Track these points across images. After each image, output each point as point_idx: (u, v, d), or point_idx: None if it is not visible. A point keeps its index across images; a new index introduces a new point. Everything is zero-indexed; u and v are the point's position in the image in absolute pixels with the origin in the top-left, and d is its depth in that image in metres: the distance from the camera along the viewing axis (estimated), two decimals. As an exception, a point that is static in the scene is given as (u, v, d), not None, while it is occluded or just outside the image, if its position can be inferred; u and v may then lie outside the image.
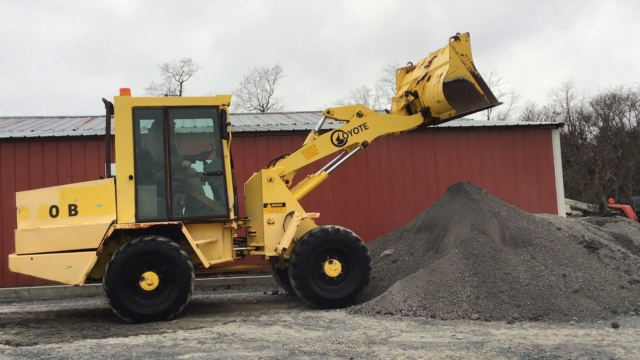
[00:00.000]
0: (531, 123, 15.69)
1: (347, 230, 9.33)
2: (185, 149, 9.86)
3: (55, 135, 13.54)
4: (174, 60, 63.06)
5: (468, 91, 9.79)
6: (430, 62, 10.45)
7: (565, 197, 17.03)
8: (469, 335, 6.75)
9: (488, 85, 9.96)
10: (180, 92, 46.75)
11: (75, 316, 9.58)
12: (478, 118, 41.80)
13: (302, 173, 10.54)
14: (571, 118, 43.76)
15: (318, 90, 67.67)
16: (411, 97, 10.43)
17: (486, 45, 68.84)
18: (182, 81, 48.25)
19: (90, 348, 6.61)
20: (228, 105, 9.27)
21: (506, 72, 73.15)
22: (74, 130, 14.79)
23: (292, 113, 20.79)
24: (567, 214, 17.04)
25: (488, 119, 45.26)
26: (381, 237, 11.51)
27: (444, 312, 7.88)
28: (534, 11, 69.41)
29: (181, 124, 9.94)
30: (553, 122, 15.41)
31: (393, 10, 72.90)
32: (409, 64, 11.35)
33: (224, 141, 9.19)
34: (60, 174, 13.06)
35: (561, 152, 15.46)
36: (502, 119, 44.61)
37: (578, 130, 43.66)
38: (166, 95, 43.85)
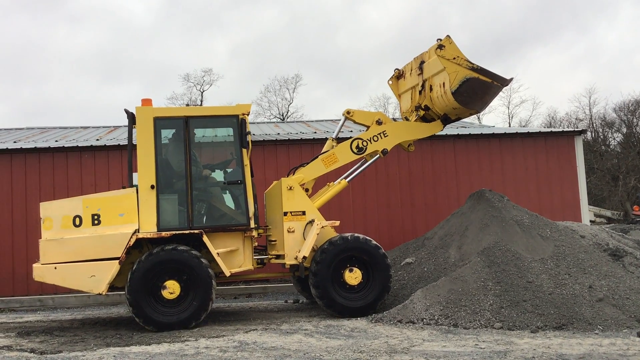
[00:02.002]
0: (553, 130, 15.54)
1: (367, 238, 9.32)
2: (206, 158, 9.93)
3: (79, 145, 13.71)
4: (195, 70, 63.76)
5: (478, 87, 9.73)
6: (420, 67, 10.36)
7: (589, 204, 16.82)
8: (492, 344, 6.69)
9: (490, 70, 9.79)
10: (202, 101, 47.22)
11: (98, 324, 9.67)
12: (500, 125, 41.57)
13: (322, 181, 10.56)
14: (594, 124, 43.34)
15: (336, 97, 67.89)
16: (422, 112, 10.43)
17: (504, 51, 68.65)
18: (203, 90, 48.72)
19: (114, 356, 6.67)
20: (248, 115, 9.34)
21: (526, 79, 72.65)
22: (98, 140, 14.96)
23: (312, 121, 20.84)
24: (590, 221, 16.84)
25: (509, 125, 44.97)
26: (402, 246, 11.47)
27: (466, 321, 7.82)
28: (552, 16, 69.03)
29: (202, 134, 10.02)
30: (576, 129, 15.25)
31: (409, 16, 72.93)
32: (396, 71, 11.29)
33: (244, 150, 9.25)
34: (84, 184, 13.21)
35: (584, 159, 15.29)
36: (524, 126, 44.29)
37: (601, 136, 43.20)
38: (187, 104, 44.27)
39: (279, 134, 15.89)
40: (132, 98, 62.95)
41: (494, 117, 68.56)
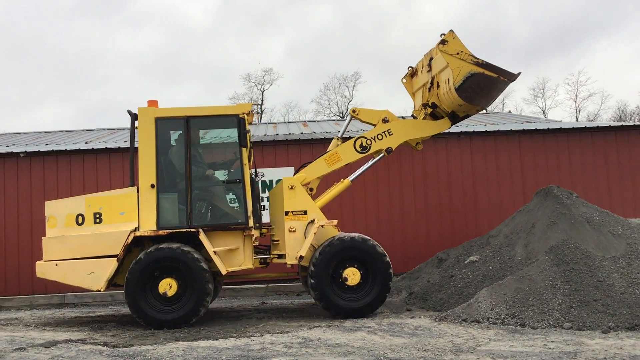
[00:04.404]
0: (624, 124, 15.00)
1: (366, 238, 9.17)
2: (207, 158, 9.95)
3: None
4: (255, 70, 64.58)
5: (483, 82, 9.43)
6: (429, 65, 10.12)
7: (663, 201, 16.12)
8: (561, 344, 6.53)
9: (496, 65, 9.46)
10: (262, 100, 47.85)
11: (167, 319, 9.94)
12: (567, 119, 40.41)
13: (331, 180, 10.45)
14: (667, 117, 41.45)
15: (394, 94, 67.38)
16: (429, 109, 10.20)
17: (566, 43, 66.51)
18: (264, 90, 49.37)
19: (183, 350, 6.86)
20: (248, 114, 9.35)
21: (593, 71, 70.18)
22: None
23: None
24: (665, 218, 16.13)
25: (577, 120, 43.62)
26: (465, 244, 11.30)
27: (534, 320, 7.65)
28: (615, 6, 66.40)
29: (203, 133, 10.09)
30: (648, 122, 14.65)
31: (466, 10, 71.64)
32: (410, 69, 11.00)
33: (244, 149, 9.25)
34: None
35: (658, 153, 14.67)
36: (592, 120, 42.88)
37: (676, 130, 41.23)
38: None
39: (339, 131, 15.90)
40: (192, 99, 64.46)
41: (561, 112, 66.65)
